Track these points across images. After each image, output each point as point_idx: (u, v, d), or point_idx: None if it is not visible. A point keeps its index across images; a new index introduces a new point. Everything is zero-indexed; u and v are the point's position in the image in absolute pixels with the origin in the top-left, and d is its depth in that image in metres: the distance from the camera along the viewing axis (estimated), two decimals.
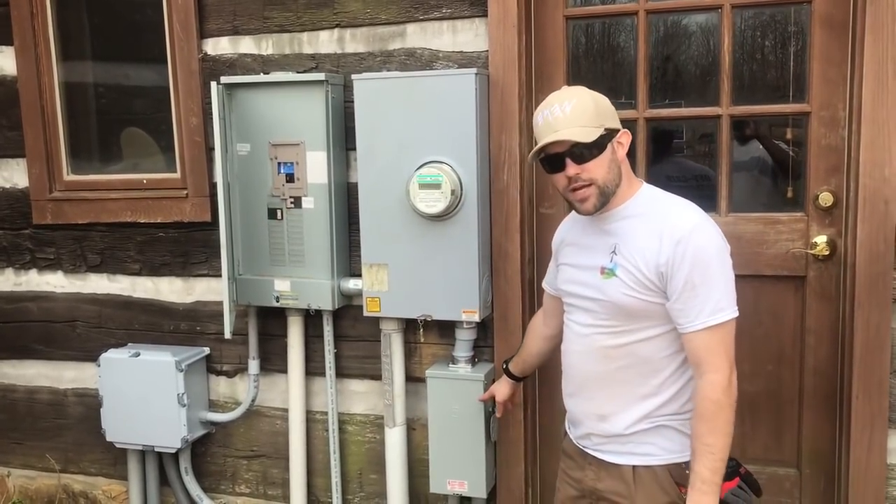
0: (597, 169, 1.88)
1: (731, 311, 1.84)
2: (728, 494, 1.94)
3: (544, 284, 2.31)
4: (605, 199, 1.91)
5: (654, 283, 1.86)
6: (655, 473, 1.95)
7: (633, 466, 1.97)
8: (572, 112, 1.87)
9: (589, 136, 1.85)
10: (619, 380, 1.95)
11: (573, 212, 2.09)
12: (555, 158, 1.90)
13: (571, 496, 2.12)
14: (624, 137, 1.95)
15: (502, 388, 2.49)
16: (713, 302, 1.81)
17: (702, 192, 2.76)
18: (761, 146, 2.74)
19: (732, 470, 1.97)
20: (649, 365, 1.92)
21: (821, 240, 2.59)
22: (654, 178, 2.72)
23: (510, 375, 2.47)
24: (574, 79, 2.80)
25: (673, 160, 2.85)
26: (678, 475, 1.94)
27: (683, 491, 1.93)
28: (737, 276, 2.62)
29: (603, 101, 1.95)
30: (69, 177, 3.36)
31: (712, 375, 1.82)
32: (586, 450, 2.07)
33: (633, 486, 1.96)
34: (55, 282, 3.42)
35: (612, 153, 1.91)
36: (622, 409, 1.96)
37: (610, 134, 1.90)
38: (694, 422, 1.85)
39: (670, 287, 1.84)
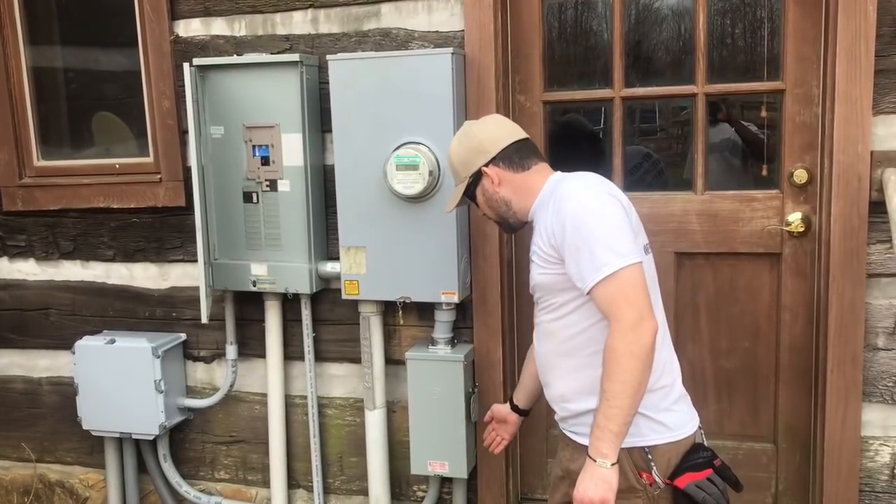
0: (483, 208, 2.16)
1: (619, 262, 1.82)
2: (690, 485, 1.91)
3: None
4: (507, 225, 2.16)
5: (552, 255, 1.94)
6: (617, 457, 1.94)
7: None
8: (452, 172, 2.17)
9: (456, 199, 2.15)
10: (565, 354, 2.01)
11: None
12: None
13: (557, 476, 2.16)
14: (489, 171, 2.06)
15: (501, 408, 2.45)
16: (597, 258, 1.83)
17: (659, 168, 2.80)
18: (732, 129, 2.76)
19: (705, 461, 1.95)
20: (585, 333, 1.96)
21: (795, 216, 2.61)
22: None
23: (515, 408, 2.42)
24: (550, 60, 2.80)
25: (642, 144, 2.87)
26: (640, 459, 1.94)
27: (644, 475, 1.93)
28: (713, 254, 2.70)
29: (470, 143, 2.10)
30: (40, 163, 3.30)
31: (612, 324, 1.83)
32: (564, 431, 2.10)
33: None
34: (27, 269, 3.37)
35: (483, 193, 2.10)
36: (576, 385, 2.00)
37: (475, 179, 2.09)
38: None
39: (563, 257, 1.91)
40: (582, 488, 1.83)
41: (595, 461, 1.81)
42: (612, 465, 1.81)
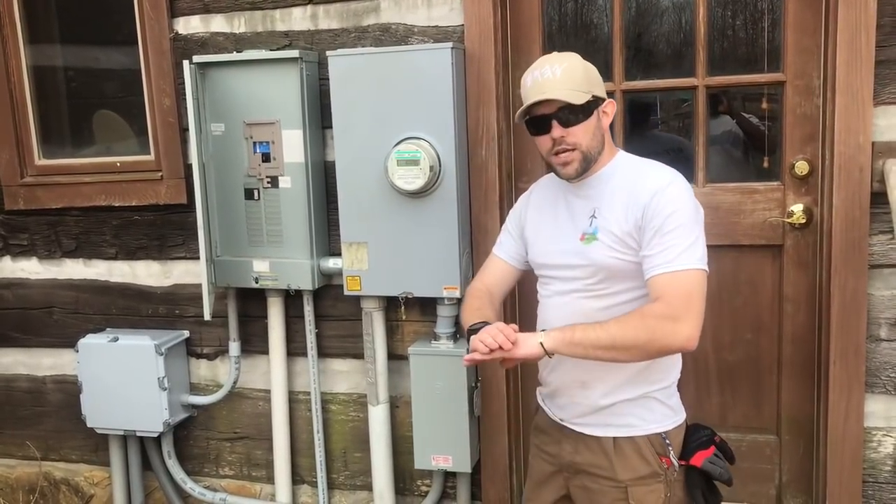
0: (581, 134, 1.90)
1: (699, 263, 1.82)
2: (705, 462, 1.95)
3: (502, 255, 2.19)
4: (587, 164, 1.93)
5: (634, 238, 1.87)
6: (636, 444, 1.95)
7: (614, 438, 1.97)
8: (563, 75, 1.87)
9: (578, 98, 1.87)
10: None
11: (536, 184, 2.18)
12: (541, 120, 1.91)
13: (547, 472, 2.11)
14: (609, 107, 1.97)
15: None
16: (679, 249, 1.81)
17: (678, 164, 2.78)
18: (733, 120, 2.75)
19: (708, 439, 1.99)
20: None
21: (797, 208, 2.61)
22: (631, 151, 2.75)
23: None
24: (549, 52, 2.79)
25: (649, 133, 2.86)
26: (659, 445, 1.95)
27: (664, 461, 1.95)
28: (715, 247, 2.64)
29: (592, 69, 1.97)
30: (41, 161, 3.31)
31: (660, 304, 1.79)
32: (563, 423, 2.06)
33: (613, 457, 1.96)
34: (30, 268, 3.37)
35: (597, 120, 1.94)
36: (604, 374, 1.95)
37: (596, 101, 1.93)
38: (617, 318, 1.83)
39: (643, 237, 1.85)
40: (521, 336, 1.85)
41: (541, 333, 1.83)
42: (542, 350, 1.82)
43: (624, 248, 1.88)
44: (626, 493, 1.95)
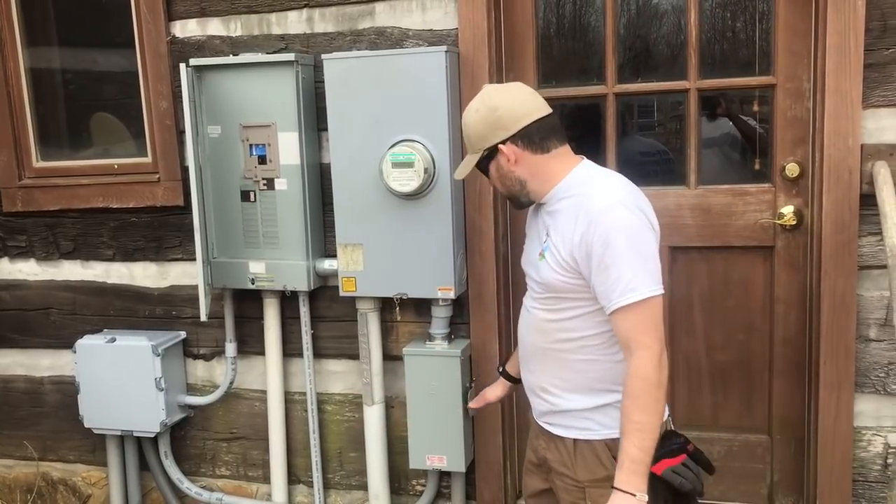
0: (495, 182, 2.06)
1: (646, 291, 1.81)
2: (667, 471, 1.90)
3: None
4: (518, 202, 2.06)
5: (570, 263, 1.89)
6: (594, 447, 1.98)
7: (574, 440, 2.00)
8: (466, 138, 2.03)
9: (467, 168, 2.05)
10: (554, 353, 1.99)
11: None
12: None
13: (533, 462, 2.20)
14: (506, 148, 1.94)
15: (495, 390, 2.44)
16: (624, 282, 1.80)
17: (669, 166, 2.81)
18: (730, 123, 2.77)
19: (679, 447, 1.96)
20: (580, 341, 1.95)
21: (788, 210, 2.63)
22: (621, 155, 2.77)
23: (507, 377, 2.40)
24: (543, 56, 2.82)
25: (637, 137, 2.89)
26: (616, 450, 1.93)
27: None
28: (706, 248, 2.71)
29: (489, 117, 1.95)
30: (39, 163, 3.33)
31: (641, 352, 1.81)
32: (539, 422, 2.12)
33: (573, 457, 2.00)
34: (28, 269, 3.39)
35: (497, 169, 1.99)
36: (561, 382, 2.00)
37: (490, 153, 1.97)
38: (624, 400, 1.83)
39: (586, 268, 1.86)
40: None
41: (635, 496, 1.78)
42: (632, 497, 1.79)
43: (562, 269, 1.91)
44: (585, 493, 1.98)
